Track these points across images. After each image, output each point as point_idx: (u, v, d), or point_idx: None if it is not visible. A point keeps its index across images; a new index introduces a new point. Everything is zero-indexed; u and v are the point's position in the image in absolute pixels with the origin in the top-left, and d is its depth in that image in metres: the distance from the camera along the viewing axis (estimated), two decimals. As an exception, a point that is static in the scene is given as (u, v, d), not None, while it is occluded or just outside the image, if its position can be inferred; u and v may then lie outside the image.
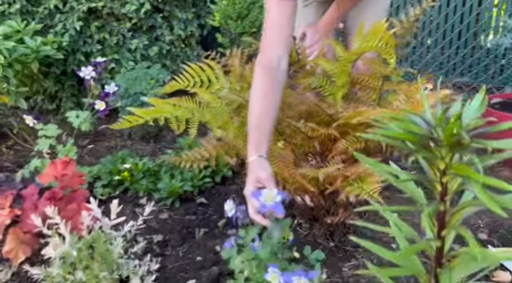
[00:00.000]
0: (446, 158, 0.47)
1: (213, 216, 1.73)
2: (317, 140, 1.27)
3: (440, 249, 0.55)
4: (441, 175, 0.49)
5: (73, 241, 1.06)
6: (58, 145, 1.78)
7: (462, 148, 0.44)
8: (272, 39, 1.16)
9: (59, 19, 2.34)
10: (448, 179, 0.49)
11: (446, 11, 2.70)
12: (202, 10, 2.85)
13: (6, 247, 1.40)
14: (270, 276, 0.96)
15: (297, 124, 1.19)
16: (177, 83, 1.40)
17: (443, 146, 0.45)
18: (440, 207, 0.52)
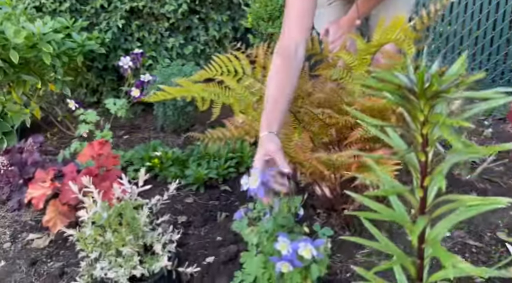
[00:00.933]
0: (425, 110, 0.53)
1: (235, 203, 1.81)
2: (334, 127, 1.33)
3: (423, 198, 0.61)
4: (421, 126, 0.55)
5: (104, 206, 1.17)
6: (96, 130, 1.92)
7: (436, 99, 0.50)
8: (291, 28, 1.24)
9: (104, 17, 2.53)
10: (427, 130, 0.55)
11: (479, 17, 2.69)
12: (237, 13, 2.97)
13: (46, 217, 1.54)
14: (279, 245, 1.03)
15: (315, 110, 1.25)
16: (206, 72, 1.50)
17: (421, 98, 0.51)
18: (421, 157, 0.57)
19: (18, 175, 1.69)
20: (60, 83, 2.04)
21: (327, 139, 1.35)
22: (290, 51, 1.21)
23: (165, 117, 2.52)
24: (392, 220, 0.63)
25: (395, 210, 0.66)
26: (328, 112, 1.23)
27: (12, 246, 1.52)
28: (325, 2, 1.60)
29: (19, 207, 1.71)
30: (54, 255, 1.47)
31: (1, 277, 1.37)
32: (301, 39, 1.22)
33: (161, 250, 1.19)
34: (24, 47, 1.80)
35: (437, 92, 0.49)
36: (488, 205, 0.56)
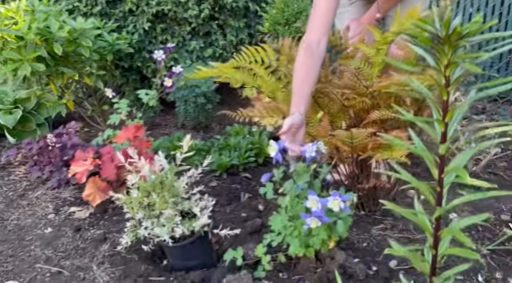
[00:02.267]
0: (449, 54, 0.67)
1: (256, 186, 1.95)
2: (352, 109, 1.48)
3: (444, 133, 0.75)
4: (445, 69, 0.69)
5: (150, 170, 1.31)
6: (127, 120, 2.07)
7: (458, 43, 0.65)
8: (316, 25, 1.42)
9: (131, 20, 2.72)
10: (449, 72, 0.69)
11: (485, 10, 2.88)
12: (253, 21, 3.16)
13: (86, 192, 1.68)
14: (309, 202, 1.16)
15: (334, 90, 1.41)
16: (237, 61, 1.66)
17: (446, 44, 0.66)
18: (444, 96, 0.72)
19: (59, 156, 1.84)
20: (94, 76, 2.20)
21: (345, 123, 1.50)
22: (313, 46, 1.39)
23: (186, 114, 2.68)
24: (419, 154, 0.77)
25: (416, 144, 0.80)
26: (347, 92, 1.39)
27: (56, 217, 1.66)
28: (347, 1, 1.78)
29: (58, 185, 1.85)
30: (95, 224, 1.60)
31: (50, 241, 1.50)
32: (324, 34, 1.40)
33: (199, 212, 1.32)
34: (65, 41, 1.97)
35: (460, 37, 0.64)
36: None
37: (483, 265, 1.39)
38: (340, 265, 1.30)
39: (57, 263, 1.37)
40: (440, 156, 0.77)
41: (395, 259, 1.39)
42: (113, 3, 2.70)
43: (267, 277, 1.29)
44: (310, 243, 1.23)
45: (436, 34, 0.67)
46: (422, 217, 0.82)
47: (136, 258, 1.39)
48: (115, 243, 1.47)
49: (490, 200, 1.79)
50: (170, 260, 1.39)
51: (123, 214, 1.68)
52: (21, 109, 2.36)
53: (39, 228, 1.58)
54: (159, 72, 1.97)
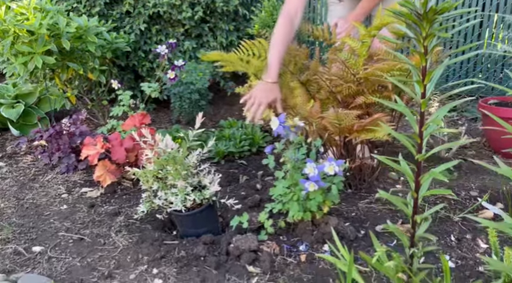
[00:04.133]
0: (426, 28, 0.87)
1: (252, 171, 2.12)
2: (339, 94, 1.68)
3: (423, 92, 0.94)
4: (423, 40, 0.89)
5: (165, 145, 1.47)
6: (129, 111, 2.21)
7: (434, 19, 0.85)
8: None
9: (128, 21, 2.86)
10: (427, 42, 0.89)
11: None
12: (241, 24, 3.36)
13: (97, 173, 1.81)
14: (307, 169, 1.34)
15: (323, 77, 1.60)
16: (236, 53, 1.84)
17: (424, 19, 0.86)
18: (423, 62, 0.91)
19: (68, 142, 1.96)
20: (97, 71, 2.33)
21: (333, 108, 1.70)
22: (291, 14, 1.65)
23: (181, 109, 2.83)
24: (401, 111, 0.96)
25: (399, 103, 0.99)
26: (334, 79, 1.58)
27: (69, 196, 1.78)
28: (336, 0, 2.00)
29: (67, 170, 1.97)
30: (107, 202, 1.73)
31: (68, 215, 1.62)
32: (301, 4, 1.68)
33: (209, 184, 1.48)
34: (72, 38, 2.11)
35: (435, 13, 0.84)
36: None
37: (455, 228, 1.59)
38: (333, 228, 1.48)
39: (77, 232, 1.50)
40: (420, 112, 0.97)
41: (380, 224, 1.58)
42: (110, 4, 2.84)
43: (269, 239, 1.45)
44: (308, 206, 1.40)
45: (416, 11, 0.87)
46: (404, 164, 1.01)
47: (149, 227, 1.53)
48: (128, 215, 1.60)
49: (460, 181, 2.02)
50: (180, 229, 1.54)
51: (132, 193, 1.83)
52: (22, 103, 2.47)
53: (55, 205, 1.70)
54: (161, 66, 2.12)
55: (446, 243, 1.48)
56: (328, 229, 1.47)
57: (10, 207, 1.69)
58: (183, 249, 1.37)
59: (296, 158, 1.40)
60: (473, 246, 1.47)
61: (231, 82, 3.39)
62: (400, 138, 0.98)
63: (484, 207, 1.76)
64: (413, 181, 1.03)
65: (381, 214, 1.68)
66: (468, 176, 2.10)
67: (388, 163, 1.01)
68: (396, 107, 0.97)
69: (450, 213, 1.73)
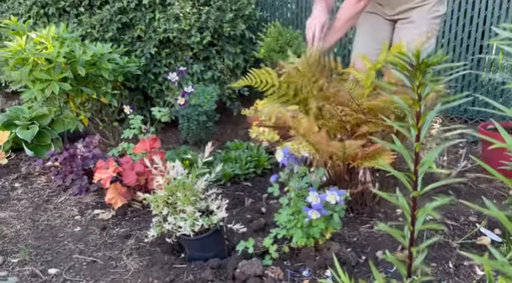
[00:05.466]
0: (420, 77, 0.95)
1: (257, 193, 2.19)
2: (349, 123, 1.75)
3: (418, 134, 1.02)
4: (417, 88, 0.97)
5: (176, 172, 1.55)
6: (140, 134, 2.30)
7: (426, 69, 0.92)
8: None
9: (139, 45, 2.98)
10: (421, 90, 0.96)
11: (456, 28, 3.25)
12: (248, 47, 3.46)
13: (109, 196, 1.89)
14: (310, 197, 1.41)
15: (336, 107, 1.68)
16: (245, 81, 1.92)
17: (417, 69, 0.94)
18: (417, 107, 0.99)
19: (81, 165, 2.05)
20: (109, 95, 2.43)
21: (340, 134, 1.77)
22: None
23: (188, 130, 2.92)
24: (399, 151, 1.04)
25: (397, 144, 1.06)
26: (346, 110, 1.66)
27: (82, 218, 1.85)
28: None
29: (80, 192, 2.05)
30: (118, 224, 1.81)
31: (81, 237, 1.70)
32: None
33: (216, 209, 1.56)
34: (87, 64, 2.21)
35: (427, 65, 0.92)
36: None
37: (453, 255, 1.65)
38: (335, 254, 1.54)
39: (90, 254, 1.57)
40: (415, 152, 1.04)
41: (381, 250, 1.64)
42: (122, 29, 2.96)
43: (273, 264, 1.51)
44: (311, 233, 1.47)
45: (410, 63, 0.96)
46: (402, 199, 1.08)
47: (159, 251, 1.60)
48: (139, 238, 1.68)
49: (460, 206, 2.07)
50: (188, 251, 1.61)
51: (141, 216, 1.90)
52: (37, 125, 2.57)
53: (69, 227, 1.78)
54: (172, 91, 2.21)
55: (444, 270, 1.54)
56: (330, 255, 1.53)
57: (26, 229, 1.77)
58: (191, 273, 1.44)
59: (299, 187, 1.48)
60: (470, 273, 1.52)
61: (237, 102, 3.49)
62: (397, 175, 1.05)
63: (482, 233, 1.81)
64: (409, 215, 1.09)
65: (381, 239, 1.74)
66: (467, 200, 2.16)
67: (387, 198, 1.08)
68: (394, 147, 1.05)
69: (449, 239, 1.79)
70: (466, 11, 3.13)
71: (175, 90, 2.29)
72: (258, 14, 3.47)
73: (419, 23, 1.99)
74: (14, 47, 1.99)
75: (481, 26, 3.12)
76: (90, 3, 2.88)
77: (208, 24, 3.06)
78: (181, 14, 2.94)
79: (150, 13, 2.95)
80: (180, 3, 2.93)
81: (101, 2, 2.88)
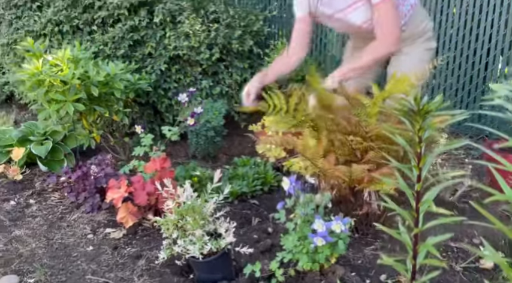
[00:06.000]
0: (420, 121, 0.99)
1: (264, 212, 2.23)
2: (359, 150, 1.80)
3: (419, 175, 1.06)
4: (418, 131, 1.01)
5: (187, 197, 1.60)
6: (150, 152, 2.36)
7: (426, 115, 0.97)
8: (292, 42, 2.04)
9: (149, 62, 3.05)
10: (421, 133, 1.01)
11: (458, 73, 3.28)
12: (255, 62, 3.52)
13: (120, 215, 1.95)
14: (316, 225, 1.46)
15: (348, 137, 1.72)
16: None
17: (418, 114, 0.98)
18: (417, 149, 1.03)
19: (93, 183, 2.11)
20: (121, 113, 2.50)
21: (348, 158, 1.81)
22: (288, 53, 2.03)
23: (197, 145, 2.98)
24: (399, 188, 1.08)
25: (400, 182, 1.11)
26: (357, 139, 1.71)
27: (94, 237, 1.91)
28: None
29: (92, 209, 2.12)
30: (129, 243, 1.87)
31: (93, 257, 1.76)
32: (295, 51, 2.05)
33: (224, 232, 1.61)
34: (100, 84, 2.28)
35: (426, 111, 0.97)
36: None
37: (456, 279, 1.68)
38: (340, 278, 1.58)
39: (103, 275, 1.63)
40: (417, 191, 1.08)
41: (384, 273, 1.68)
42: (134, 46, 3.03)
43: (279, 287, 1.56)
44: (316, 259, 1.52)
45: (412, 109, 1.00)
46: (405, 236, 1.13)
47: (169, 272, 1.65)
48: (149, 259, 1.73)
49: (464, 227, 2.10)
50: (197, 273, 1.66)
51: (151, 235, 1.96)
52: (50, 140, 2.64)
53: (82, 246, 1.84)
54: (182, 111, 2.28)
55: (447, 296, 1.57)
56: (335, 279, 1.57)
57: (41, 247, 1.84)
58: (200, 296, 1.49)
59: (305, 213, 1.52)
60: (473, 299, 1.56)
61: (244, 115, 3.54)
62: (400, 212, 1.10)
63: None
64: (411, 249, 1.14)
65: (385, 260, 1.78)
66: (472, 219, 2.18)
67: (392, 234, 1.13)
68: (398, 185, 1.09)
69: (452, 262, 1.82)
70: (471, 28, 3.17)
71: (185, 110, 2.35)
72: (266, 30, 3.53)
73: (412, 56, 2.04)
74: (31, 70, 2.06)
75: (487, 43, 3.15)
76: (103, 22, 2.96)
77: (217, 41, 3.12)
78: (191, 31, 3.01)
79: (161, 31, 3.03)
80: (190, 21, 3.00)
81: (113, 20, 2.96)
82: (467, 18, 3.18)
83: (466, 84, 3.29)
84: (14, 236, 1.93)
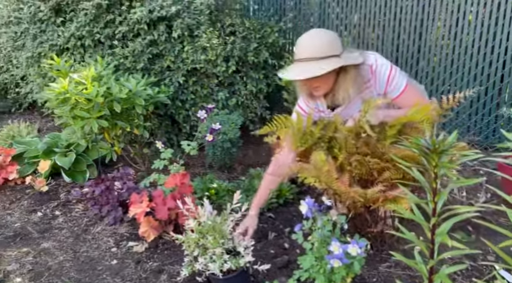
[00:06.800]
0: (436, 159, 1.04)
1: (280, 226, 2.29)
2: (376, 170, 1.84)
3: (434, 208, 1.11)
4: (434, 167, 1.05)
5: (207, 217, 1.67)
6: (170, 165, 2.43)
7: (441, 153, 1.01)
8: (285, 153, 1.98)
9: (168, 75, 3.13)
10: (437, 170, 1.05)
11: (473, 84, 3.29)
12: (270, 72, 3.57)
13: (142, 229, 2.03)
14: (332, 247, 1.51)
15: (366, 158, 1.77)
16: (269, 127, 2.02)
17: (433, 153, 1.03)
18: (433, 184, 1.08)
19: (116, 197, 2.19)
20: (141, 127, 2.59)
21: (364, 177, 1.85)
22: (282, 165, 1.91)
23: (213, 156, 3.05)
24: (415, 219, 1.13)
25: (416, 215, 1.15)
26: (375, 160, 1.76)
27: (118, 250, 2.00)
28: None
29: (114, 222, 2.20)
30: (151, 257, 1.94)
31: (118, 271, 1.84)
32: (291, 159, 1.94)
33: (243, 251, 1.67)
34: (122, 100, 2.36)
35: (442, 150, 1.01)
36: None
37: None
38: (355, 296, 1.63)
39: (128, 290, 1.71)
40: (432, 225, 1.13)
41: (399, 292, 1.72)
42: (152, 59, 3.11)
43: (296, 305, 1.62)
44: (333, 279, 1.57)
45: (427, 147, 1.05)
46: (421, 266, 1.18)
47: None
48: (171, 273, 1.80)
49: (478, 243, 2.13)
50: (217, 289, 1.73)
51: (172, 249, 2.03)
52: (74, 152, 2.74)
53: (106, 259, 1.92)
54: (201, 127, 2.34)
55: (461, 316, 1.61)
56: (351, 297, 1.62)
57: (68, 260, 1.92)
58: (220, 312, 1.55)
59: (322, 234, 1.58)
60: (487, 320, 1.59)
61: (259, 124, 3.60)
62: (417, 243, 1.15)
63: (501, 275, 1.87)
64: (427, 279, 1.18)
65: (400, 279, 1.82)
66: (486, 238, 2.20)
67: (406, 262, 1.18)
68: (414, 217, 1.14)
69: (466, 281, 1.85)
70: (487, 40, 3.17)
71: (204, 126, 2.41)
72: (281, 42, 3.58)
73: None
74: (59, 89, 2.15)
75: (502, 56, 3.15)
76: (124, 36, 3.05)
77: (233, 53, 3.18)
78: (208, 45, 3.08)
79: (179, 44, 3.10)
80: (207, 35, 3.07)
81: (134, 35, 3.04)
82: (482, 31, 3.18)
83: (481, 96, 3.30)
84: (42, 249, 2.02)
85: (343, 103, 1.90)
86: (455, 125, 3.37)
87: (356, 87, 1.85)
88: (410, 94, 1.91)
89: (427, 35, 3.41)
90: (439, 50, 3.39)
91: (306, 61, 1.78)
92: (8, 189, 2.66)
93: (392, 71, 1.88)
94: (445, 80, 3.41)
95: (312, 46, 1.78)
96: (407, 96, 1.90)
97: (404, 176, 1.89)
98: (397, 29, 3.51)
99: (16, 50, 3.52)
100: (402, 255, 2.06)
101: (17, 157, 2.76)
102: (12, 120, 3.92)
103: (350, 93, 1.85)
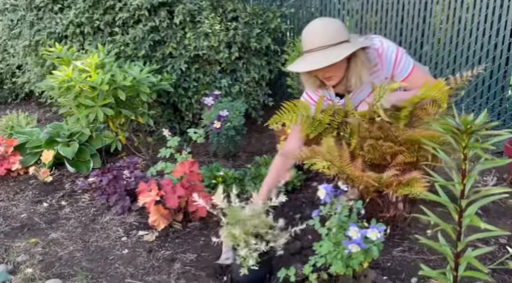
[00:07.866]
0: (466, 140, 1.01)
1: (289, 212, 2.27)
2: (389, 154, 1.82)
3: (463, 190, 1.09)
4: (463, 149, 1.03)
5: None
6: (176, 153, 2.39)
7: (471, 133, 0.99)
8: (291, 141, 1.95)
9: (170, 62, 3.07)
10: (467, 151, 1.03)
11: (476, 81, 3.27)
12: (272, 58, 3.53)
13: (152, 218, 2.00)
14: (350, 232, 1.49)
15: (379, 142, 1.74)
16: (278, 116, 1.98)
17: (464, 133, 1.00)
18: (463, 166, 1.06)
19: (124, 186, 2.16)
20: (146, 115, 2.54)
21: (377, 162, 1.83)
22: (289, 154, 1.84)
23: (218, 144, 3.01)
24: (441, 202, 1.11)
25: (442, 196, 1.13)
26: (388, 144, 1.73)
27: (128, 239, 1.97)
28: None
29: (123, 211, 2.17)
30: (163, 246, 1.92)
31: (130, 260, 1.81)
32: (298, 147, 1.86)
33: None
34: (126, 88, 2.31)
35: (473, 131, 0.99)
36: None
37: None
38: (372, 281, 1.62)
39: (141, 278, 1.68)
40: (459, 211, 1.11)
41: (415, 277, 1.72)
42: (154, 46, 3.05)
43: (313, 291, 1.60)
44: (350, 264, 1.56)
45: (458, 128, 1.02)
46: (445, 248, 1.16)
47: (203, 275, 1.71)
48: (184, 262, 1.78)
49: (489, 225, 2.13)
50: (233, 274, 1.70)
51: (182, 237, 2.01)
52: (76, 141, 2.69)
53: (117, 249, 1.90)
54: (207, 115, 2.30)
55: (479, 298, 1.60)
56: (367, 282, 1.61)
57: (78, 250, 1.89)
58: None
59: (339, 219, 1.56)
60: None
61: (262, 111, 3.57)
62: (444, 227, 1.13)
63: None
64: (452, 261, 1.17)
65: (414, 264, 1.82)
66: (496, 220, 2.20)
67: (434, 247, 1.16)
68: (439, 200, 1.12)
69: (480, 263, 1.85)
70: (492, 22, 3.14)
71: (210, 113, 2.37)
72: (284, 27, 3.52)
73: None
74: (62, 77, 2.10)
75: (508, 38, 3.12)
76: (124, 23, 2.97)
77: (236, 39, 3.13)
78: (211, 31, 3.02)
79: (181, 31, 3.03)
80: (209, 21, 3.00)
81: (134, 21, 2.97)
82: (487, 12, 3.15)
83: (486, 79, 3.28)
84: (51, 239, 1.99)
85: (356, 88, 1.87)
86: (460, 108, 3.36)
87: (366, 71, 1.82)
88: (418, 75, 1.88)
89: (431, 18, 3.37)
90: (443, 33, 3.35)
91: (318, 50, 1.73)
92: (11, 180, 2.61)
93: (399, 53, 1.85)
94: (449, 63, 3.38)
95: (321, 34, 1.74)
96: (415, 78, 1.87)
97: (418, 159, 1.88)
98: (400, 13, 3.47)
99: (12, 39, 3.43)
100: (415, 240, 2.07)
101: (19, 148, 2.70)
102: (10, 110, 3.84)
103: (362, 78, 1.81)
